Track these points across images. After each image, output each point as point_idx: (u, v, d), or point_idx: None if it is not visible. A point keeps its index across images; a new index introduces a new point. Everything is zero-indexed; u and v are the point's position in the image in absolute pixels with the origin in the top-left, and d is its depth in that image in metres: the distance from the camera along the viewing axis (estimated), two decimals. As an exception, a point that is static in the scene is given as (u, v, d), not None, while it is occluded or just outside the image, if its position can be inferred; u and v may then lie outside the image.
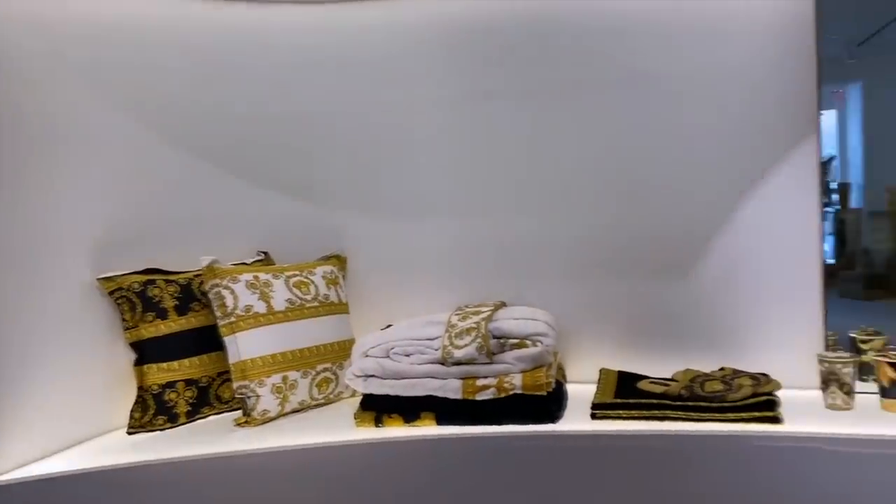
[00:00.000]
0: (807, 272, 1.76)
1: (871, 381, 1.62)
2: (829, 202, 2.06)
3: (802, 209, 1.76)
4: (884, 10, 1.84)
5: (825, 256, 1.97)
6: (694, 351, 1.81)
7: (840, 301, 1.93)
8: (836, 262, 1.98)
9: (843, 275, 1.96)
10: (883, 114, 1.96)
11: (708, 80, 1.80)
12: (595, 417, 1.60)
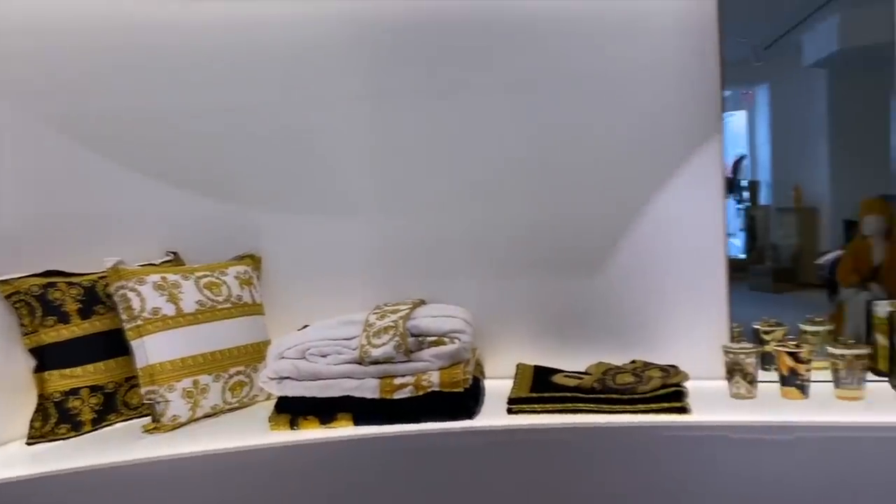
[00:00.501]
0: (712, 267, 1.83)
1: (773, 370, 1.70)
2: (740, 199, 2.15)
3: (708, 206, 1.82)
4: (788, 15, 1.92)
5: (737, 252, 2.05)
6: (607, 344, 1.86)
7: (751, 294, 2.02)
8: (746, 256, 2.07)
9: (754, 269, 2.05)
10: (788, 114, 2.06)
11: (618, 78, 1.85)
12: (511, 412, 1.62)
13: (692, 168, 1.82)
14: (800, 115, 2.03)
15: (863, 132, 1.83)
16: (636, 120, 1.84)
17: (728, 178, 2.16)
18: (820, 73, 1.94)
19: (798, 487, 1.48)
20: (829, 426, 1.47)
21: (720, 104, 1.80)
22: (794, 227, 2.02)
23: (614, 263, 1.88)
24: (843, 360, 1.60)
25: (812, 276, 1.97)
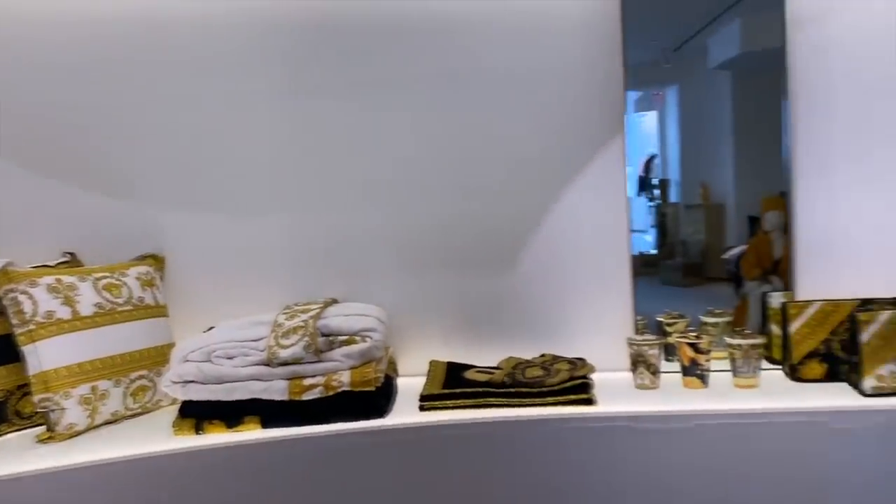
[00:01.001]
0: (618, 262, 1.88)
1: (676, 361, 1.76)
2: (652, 197, 2.21)
3: (613, 203, 1.87)
4: (695, 18, 1.98)
5: (648, 247, 2.11)
6: (519, 339, 1.88)
7: (662, 288, 2.07)
8: (658, 252, 2.12)
9: (665, 264, 2.10)
10: (696, 115, 2.12)
11: (526, 78, 1.87)
12: (423, 409, 1.62)
13: (598, 167, 1.87)
14: (706, 115, 2.10)
15: (763, 132, 1.90)
16: (543, 119, 1.87)
17: (640, 177, 2.22)
18: (724, 75, 2.00)
19: (698, 473, 1.54)
20: (726, 413, 1.53)
21: (623, 105, 1.85)
22: (702, 223, 2.08)
23: (525, 260, 1.91)
24: (740, 349, 1.67)
25: (719, 269, 2.03)
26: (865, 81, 1.80)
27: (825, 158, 1.84)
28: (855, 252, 1.82)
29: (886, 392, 1.55)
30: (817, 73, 1.83)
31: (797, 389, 1.65)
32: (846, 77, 1.82)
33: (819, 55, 1.83)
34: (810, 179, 1.86)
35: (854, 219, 1.83)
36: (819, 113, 1.84)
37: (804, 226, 1.86)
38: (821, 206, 1.85)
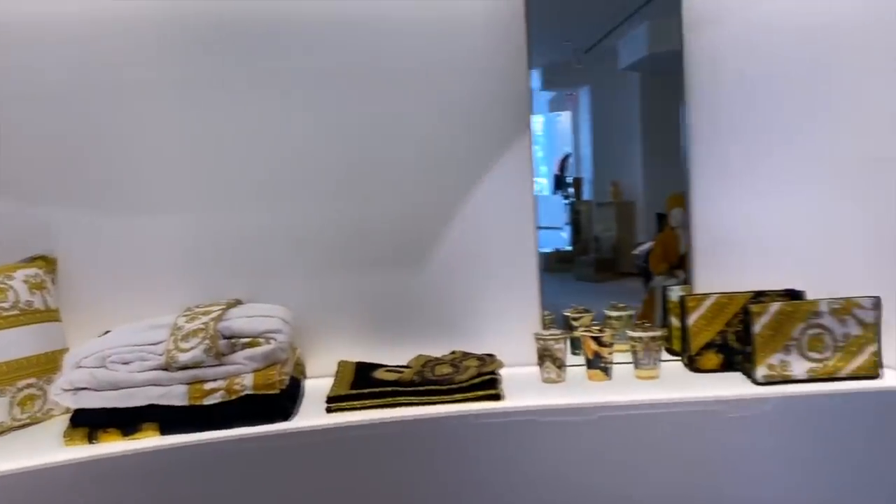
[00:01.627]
0: (525, 259, 1.90)
1: (582, 355, 1.79)
2: (567, 195, 2.24)
3: (520, 201, 1.89)
4: (606, 20, 2.01)
5: (563, 244, 2.13)
6: (430, 337, 1.88)
7: (577, 283, 2.11)
8: (572, 248, 2.15)
9: (579, 260, 2.13)
10: (607, 115, 2.16)
11: (433, 76, 1.87)
12: (330, 411, 1.59)
13: (505, 164, 1.88)
14: (617, 116, 2.14)
15: (669, 133, 1.96)
16: (450, 117, 1.88)
17: (556, 175, 2.26)
18: (633, 76, 2.05)
19: (603, 463, 1.57)
20: (627, 405, 1.57)
21: (529, 103, 1.87)
22: (614, 220, 2.13)
23: (433, 258, 1.90)
24: (641, 342, 1.71)
25: (630, 265, 2.09)
26: (758, 83, 1.88)
27: (721, 158, 1.92)
28: (749, 247, 1.90)
29: (776, 380, 1.63)
30: (712, 76, 1.91)
31: (695, 379, 1.71)
32: (740, 79, 1.89)
33: (714, 58, 1.90)
34: (707, 179, 1.93)
35: (748, 216, 1.91)
36: (714, 114, 1.92)
37: (701, 222, 1.93)
38: (717, 204, 1.93)
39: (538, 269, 1.90)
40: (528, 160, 1.88)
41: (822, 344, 1.63)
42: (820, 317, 1.63)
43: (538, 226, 1.92)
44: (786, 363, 1.63)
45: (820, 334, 1.63)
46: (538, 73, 2.11)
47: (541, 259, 1.99)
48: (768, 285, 1.81)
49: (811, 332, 1.63)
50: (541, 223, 2.15)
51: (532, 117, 1.88)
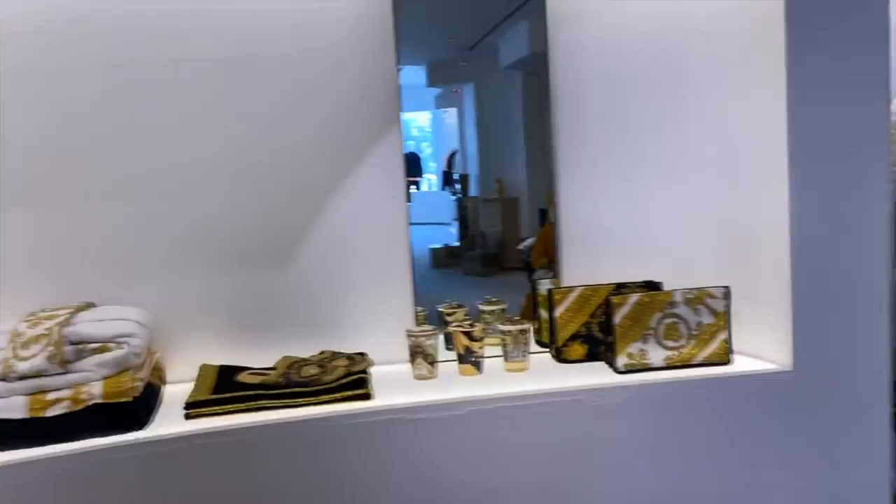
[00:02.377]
0: (397, 255, 1.88)
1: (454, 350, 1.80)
2: (454, 191, 2.24)
3: (391, 196, 1.87)
4: (488, 18, 2.02)
5: (452, 240, 2.16)
6: (299, 337, 1.83)
7: (465, 278, 2.15)
8: (460, 244, 2.19)
9: (467, 255, 2.17)
10: (491, 113, 2.18)
11: (302, 69, 1.81)
12: (189, 417, 1.51)
13: (375, 160, 1.85)
14: (501, 113, 2.18)
15: (548, 130, 1.99)
16: (319, 112, 1.82)
17: (444, 172, 2.26)
18: (516, 74, 2.07)
19: (473, 458, 1.58)
20: (493, 398, 1.58)
21: (398, 98, 1.85)
22: (499, 216, 2.16)
23: (303, 255, 1.85)
24: (510, 335, 1.73)
25: (515, 259, 2.13)
26: (619, 81, 1.95)
27: (586, 156, 1.98)
28: (612, 241, 1.97)
29: (636, 368, 1.69)
30: (577, 76, 1.96)
31: (562, 370, 1.75)
32: (602, 77, 1.95)
33: (578, 58, 1.95)
34: (573, 176, 1.98)
35: (611, 211, 1.97)
36: (580, 113, 1.97)
37: (568, 217, 1.98)
38: (583, 200, 1.98)
39: (410, 265, 1.89)
40: (399, 156, 1.86)
41: (677, 332, 1.71)
42: (675, 307, 1.71)
43: (421, 222, 1.92)
44: (644, 352, 1.69)
45: (675, 323, 1.71)
46: (423, 70, 2.15)
47: (431, 254, 2.00)
48: (629, 277, 1.87)
49: (667, 322, 1.70)
50: (430, 219, 2.17)
51: (401, 113, 1.86)
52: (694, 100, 1.85)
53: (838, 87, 1.62)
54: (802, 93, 1.60)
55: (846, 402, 1.68)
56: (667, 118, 1.90)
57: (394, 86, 1.84)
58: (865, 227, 1.66)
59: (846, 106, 1.63)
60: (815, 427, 1.67)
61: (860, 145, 1.65)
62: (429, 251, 2.16)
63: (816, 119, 1.61)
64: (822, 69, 1.61)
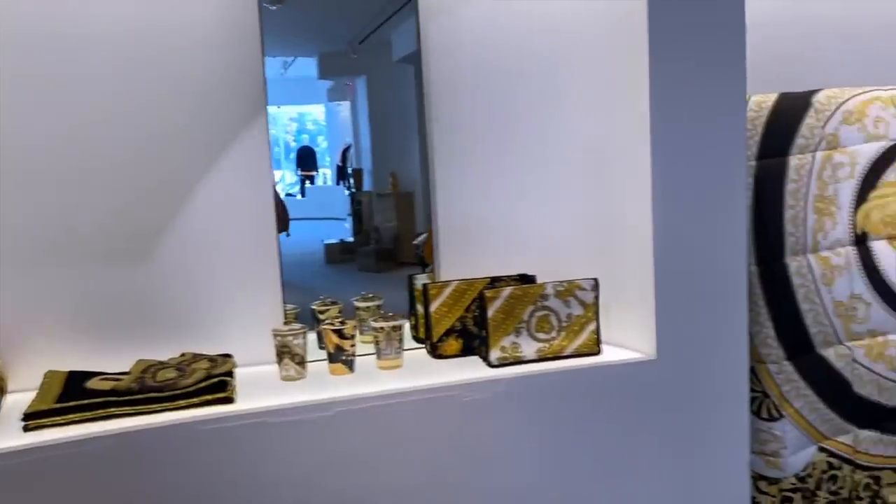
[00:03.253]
0: (265, 252, 1.80)
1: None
2: (349, 186, 2.19)
3: (257, 192, 1.78)
4: (378, 11, 1.97)
5: (346, 235, 2.11)
6: (160, 340, 1.71)
7: (359, 274, 2.09)
8: (354, 239, 2.13)
9: (361, 251, 2.12)
10: (384, 106, 2.13)
11: (162, 56, 1.70)
12: (28, 429, 1.39)
13: (240, 154, 1.76)
14: (393, 107, 2.14)
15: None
16: (179, 105, 1.71)
17: (338, 166, 2.20)
18: (408, 68, 2.03)
19: (345, 460, 1.53)
20: (366, 397, 1.54)
21: (264, 90, 1.77)
22: (393, 211, 2.12)
23: (163, 252, 1.74)
24: (383, 332, 1.69)
25: (410, 255, 2.10)
26: (494, 75, 1.94)
27: (461, 148, 1.96)
28: (488, 234, 1.97)
29: (509, 362, 1.69)
30: (450, 66, 1.94)
31: (436, 366, 1.73)
32: (476, 70, 1.94)
33: (450, 48, 1.93)
34: (448, 169, 1.96)
35: (487, 204, 1.97)
36: (454, 106, 1.95)
37: (444, 210, 1.96)
38: (458, 194, 1.97)
39: (279, 261, 1.81)
40: (265, 149, 1.78)
41: (548, 325, 1.72)
42: (546, 299, 1.72)
43: (315, 217, 1.85)
44: (517, 345, 1.70)
45: (547, 315, 1.72)
46: (315, 62, 2.08)
47: (325, 250, 1.94)
48: (505, 271, 1.87)
49: (539, 314, 1.71)
50: (324, 214, 2.11)
51: (267, 105, 1.77)
52: (566, 95, 1.87)
53: (699, 85, 1.67)
54: (665, 91, 1.64)
55: (708, 388, 1.74)
56: (540, 113, 1.91)
57: (259, 77, 1.76)
58: (724, 220, 1.72)
59: (706, 104, 1.69)
60: (678, 412, 1.73)
61: (719, 142, 1.71)
62: (322, 247, 2.11)
63: (678, 116, 1.66)
64: (683, 68, 1.66)
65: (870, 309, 1.87)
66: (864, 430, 1.91)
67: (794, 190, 1.87)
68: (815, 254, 1.86)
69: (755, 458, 1.88)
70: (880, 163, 1.92)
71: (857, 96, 1.96)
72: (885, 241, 1.89)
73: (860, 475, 1.93)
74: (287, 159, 2.29)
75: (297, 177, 2.27)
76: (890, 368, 1.89)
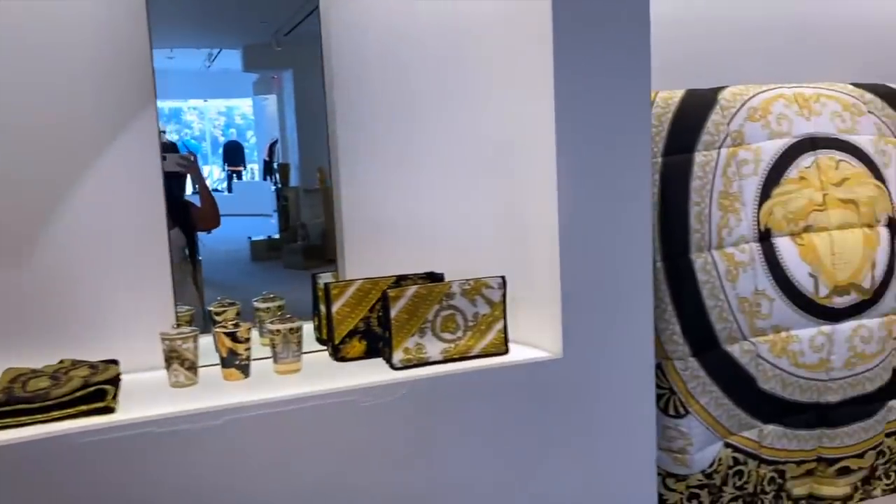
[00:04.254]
0: (155, 252, 1.69)
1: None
2: (275, 181, 2.12)
3: (145, 189, 1.68)
4: (303, 2, 1.90)
5: (273, 232, 2.05)
6: (37, 347, 1.59)
7: (286, 272, 2.02)
8: (280, 236, 2.07)
9: (288, 247, 2.05)
10: (311, 100, 2.04)
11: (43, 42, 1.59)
12: None
13: (126, 150, 1.66)
14: (320, 101, 2.05)
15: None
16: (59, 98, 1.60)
17: (265, 161, 2.11)
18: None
19: (233, 472, 1.45)
20: (258, 404, 1.46)
21: (152, 83, 1.67)
22: (321, 207, 2.05)
23: (43, 253, 1.62)
24: (279, 335, 1.62)
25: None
26: (399, 68, 1.88)
27: (367, 142, 1.90)
28: (395, 230, 1.91)
29: (412, 364, 1.64)
30: (353, 58, 1.87)
31: (338, 369, 1.66)
32: (381, 62, 1.88)
33: (353, 39, 1.86)
34: (354, 163, 1.90)
35: (394, 200, 1.91)
36: (359, 99, 1.89)
37: (349, 206, 1.90)
38: (364, 189, 1.90)
39: (170, 261, 1.71)
40: (154, 144, 1.67)
41: (454, 324, 1.67)
42: (452, 298, 1.67)
43: (241, 213, 1.77)
44: (421, 346, 1.64)
45: (452, 315, 1.67)
46: (239, 54, 2.00)
47: (250, 247, 1.91)
48: (413, 269, 1.82)
49: (444, 314, 1.67)
50: (250, 210, 2.02)
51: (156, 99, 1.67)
52: (472, 89, 1.82)
53: (604, 79, 1.65)
54: (569, 85, 1.61)
55: (614, 386, 1.73)
56: (447, 107, 1.86)
57: (146, 69, 1.65)
58: (630, 216, 1.71)
59: (612, 99, 1.67)
60: (585, 411, 1.71)
61: (625, 137, 1.69)
62: (248, 243, 2.03)
63: (583, 111, 1.64)
64: (588, 62, 1.63)
65: (773, 305, 1.89)
66: (768, 424, 1.93)
67: (700, 186, 1.87)
68: (720, 250, 1.87)
69: (662, 454, 1.88)
70: (783, 160, 1.94)
71: (761, 93, 1.99)
72: (787, 237, 1.92)
73: (765, 469, 1.95)
74: (215, 154, 2.22)
75: (225, 172, 2.19)
76: (793, 364, 1.92)
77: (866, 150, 2.01)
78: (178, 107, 2.00)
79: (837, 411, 1.97)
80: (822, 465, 2.01)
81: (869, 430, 2.01)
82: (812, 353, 1.93)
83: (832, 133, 2.00)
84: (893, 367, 2.01)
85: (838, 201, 1.95)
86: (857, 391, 1.98)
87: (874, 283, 1.96)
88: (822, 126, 1.99)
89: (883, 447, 2.05)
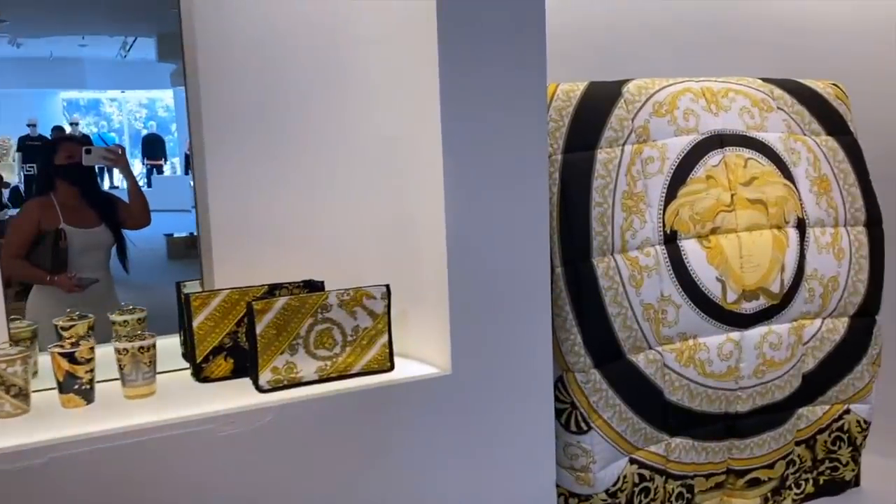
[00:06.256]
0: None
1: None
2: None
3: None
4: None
5: (192, 228, 1.79)
6: None
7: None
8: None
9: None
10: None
11: None
12: None
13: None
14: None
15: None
16: None
17: (186, 155, 1.92)
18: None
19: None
20: (92, 438, 1.26)
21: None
22: None
23: None
24: (126, 354, 1.42)
25: None
26: (275, 65, 1.70)
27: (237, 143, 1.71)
28: (272, 235, 1.73)
29: (282, 385, 1.46)
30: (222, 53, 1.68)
31: (198, 392, 1.47)
32: (254, 59, 1.69)
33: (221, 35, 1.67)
34: (223, 162, 1.71)
35: (268, 203, 1.73)
36: (228, 98, 1.70)
37: (218, 208, 1.71)
38: (235, 193, 1.72)
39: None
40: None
41: (331, 340, 1.50)
42: (329, 310, 1.50)
43: (160, 209, 1.61)
44: (292, 365, 1.47)
45: (329, 329, 1.50)
46: (153, 42, 1.85)
47: (167, 244, 1.81)
48: (291, 277, 1.64)
49: (320, 328, 1.49)
50: (170, 206, 1.89)
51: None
52: (353, 83, 1.66)
53: (494, 71, 1.52)
54: (456, 76, 1.47)
55: (509, 402, 1.60)
56: (327, 102, 1.70)
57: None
58: (525, 219, 1.58)
59: (504, 91, 1.54)
60: (478, 430, 1.57)
61: (518, 133, 1.56)
62: (165, 241, 1.87)
63: (472, 105, 1.50)
64: (477, 50, 1.49)
65: (679, 311, 1.79)
66: (675, 437, 1.83)
67: (602, 186, 1.74)
68: (624, 254, 1.75)
69: (564, 473, 1.76)
70: (690, 158, 1.84)
71: (668, 87, 1.88)
72: (694, 239, 1.82)
73: (673, 485, 1.85)
74: (135, 147, 2.01)
75: (144, 166, 1.98)
76: (701, 373, 1.82)
77: (775, 148, 1.93)
78: (96, 98, 1.89)
79: (747, 421, 1.89)
80: (731, 478, 1.93)
81: (779, 440, 1.94)
82: (720, 362, 1.83)
83: (741, 130, 1.90)
84: (803, 374, 1.94)
85: (747, 201, 1.86)
86: (766, 400, 1.90)
87: (783, 288, 1.88)
88: (730, 122, 1.90)
89: (793, 456, 1.98)
